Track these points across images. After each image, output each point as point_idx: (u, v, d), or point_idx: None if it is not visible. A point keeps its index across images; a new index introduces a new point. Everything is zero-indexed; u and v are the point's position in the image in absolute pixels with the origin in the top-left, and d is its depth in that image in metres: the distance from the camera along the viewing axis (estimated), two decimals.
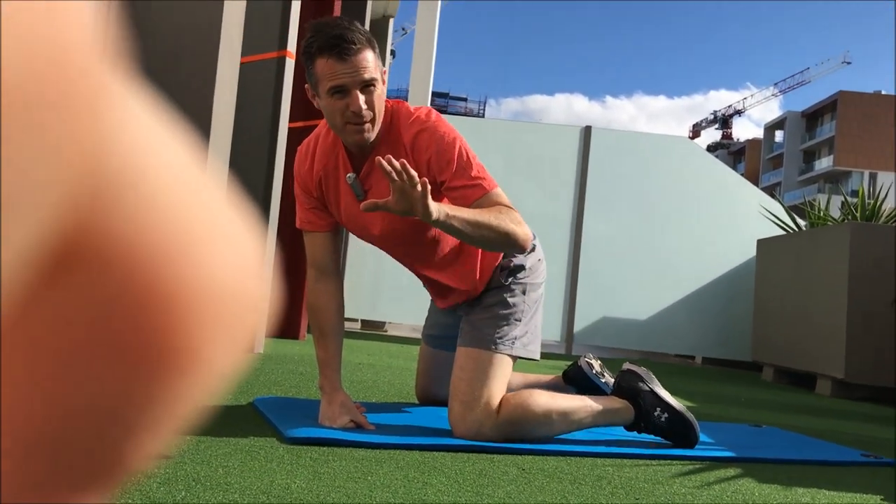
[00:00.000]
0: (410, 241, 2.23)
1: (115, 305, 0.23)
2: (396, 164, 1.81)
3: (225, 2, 2.56)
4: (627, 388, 2.29)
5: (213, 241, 0.26)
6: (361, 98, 1.97)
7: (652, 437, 2.37)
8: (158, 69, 2.55)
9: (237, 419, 2.09)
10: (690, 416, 2.29)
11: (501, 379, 2.17)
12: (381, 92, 2.02)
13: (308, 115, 4.38)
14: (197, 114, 2.62)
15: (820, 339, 4.75)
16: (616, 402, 2.27)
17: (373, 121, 2.02)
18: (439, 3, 8.31)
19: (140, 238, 0.23)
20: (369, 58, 1.98)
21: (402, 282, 5.96)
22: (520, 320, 2.25)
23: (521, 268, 2.30)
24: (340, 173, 2.16)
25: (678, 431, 2.28)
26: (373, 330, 6.11)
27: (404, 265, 2.38)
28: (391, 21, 8.59)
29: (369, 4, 6.01)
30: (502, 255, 2.28)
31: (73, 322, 0.23)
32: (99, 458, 0.25)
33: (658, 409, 2.29)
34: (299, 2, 3.80)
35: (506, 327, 2.22)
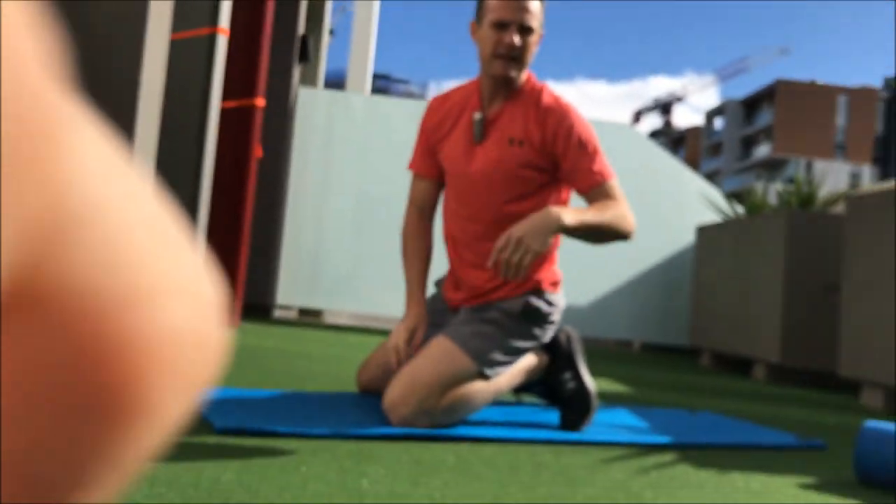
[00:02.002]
0: (498, 202, 2.24)
1: (65, 352, 0.22)
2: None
3: None
4: (553, 340, 2.35)
5: (170, 286, 0.25)
6: (517, 37, 2.15)
7: (540, 398, 2.41)
8: (82, 45, 2.43)
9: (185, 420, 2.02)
10: (595, 401, 2.29)
11: (457, 381, 2.12)
12: (535, 41, 2.21)
13: (242, 93, 4.27)
14: (124, 93, 2.52)
15: (756, 324, 4.84)
16: (536, 359, 2.32)
17: (519, 61, 2.18)
18: None
19: (95, 281, 0.22)
20: (536, 7, 2.18)
21: (340, 270, 5.89)
22: (506, 354, 2.21)
23: (538, 313, 2.25)
24: (468, 112, 2.30)
25: (574, 407, 2.27)
26: (310, 318, 6.04)
27: (459, 239, 2.35)
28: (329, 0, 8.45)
29: None
30: (536, 281, 2.26)
31: (19, 368, 0.22)
32: None
33: (569, 373, 2.31)
34: None
35: (492, 347, 2.18)
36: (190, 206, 3.51)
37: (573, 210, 2.04)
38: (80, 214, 0.22)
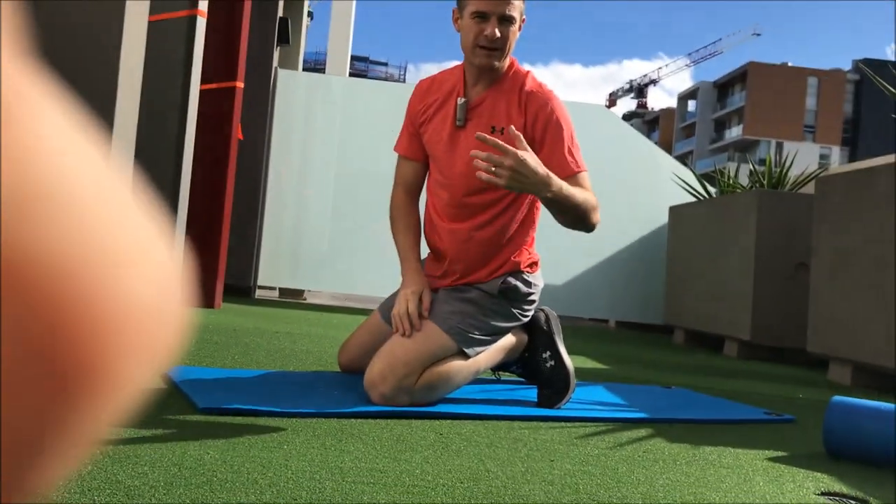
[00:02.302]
0: (478, 185, 2.21)
1: (24, 321, 0.22)
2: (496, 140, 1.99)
3: None
4: (532, 319, 2.38)
5: (129, 258, 0.25)
6: (497, 28, 2.18)
7: (518, 376, 2.45)
8: (59, 27, 2.42)
9: (147, 389, 2.03)
10: (573, 380, 2.34)
11: (436, 360, 2.14)
12: (515, 31, 2.24)
13: (222, 76, 4.25)
14: (103, 75, 2.50)
15: (728, 302, 4.93)
16: (515, 338, 2.36)
17: (501, 51, 2.21)
18: None
19: (54, 251, 0.22)
20: None
21: (321, 249, 5.90)
22: (486, 333, 2.24)
23: (517, 292, 2.29)
24: (453, 96, 2.32)
25: (554, 384, 2.32)
26: (291, 298, 6.04)
27: (441, 217, 2.37)
28: None
29: None
30: (512, 262, 2.29)
31: None
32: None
33: (548, 352, 2.35)
34: None
35: (471, 326, 2.21)
36: (171, 189, 3.50)
37: (561, 182, 2.09)
38: (40, 186, 0.22)
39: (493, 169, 1.97)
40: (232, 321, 3.85)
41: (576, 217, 2.18)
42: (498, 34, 2.19)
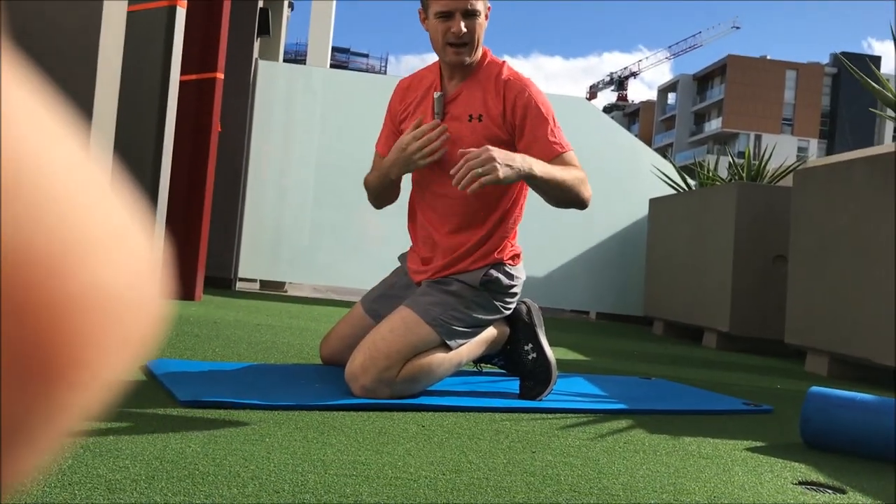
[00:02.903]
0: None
1: None
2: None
3: None
4: (514, 311, 2.39)
5: (103, 245, 0.24)
6: (462, 24, 2.20)
7: (500, 368, 2.46)
8: (36, 16, 2.39)
9: (127, 382, 2.02)
10: (555, 372, 2.35)
11: (418, 351, 2.14)
12: (481, 22, 2.26)
13: (202, 67, 4.22)
14: (81, 66, 2.47)
15: (707, 293, 4.96)
16: (497, 330, 2.36)
17: (470, 46, 2.24)
18: None
19: (28, 238, 0.22)
20: None
21: (302, 242, 5.88)
22: (468, 325, 2.24)
23: (498, 284, 2.29)
24: (431, 92, 2.35)
25: (536, 376, 2.33)
26: (272, 290, 6.02)
27: (427, 216, 2.38)
28: None
29: None
30: (494, 256, 2.30)
31: None
32: None
33: (530, 345, 2.36)
34: None
35: (452, 318, 2.21)
36: (151, 181, 3.48)
37: (542, 163, 2.13)
38: (10, 172, 0.21)
39: (480, 170, 1.99)
40: (212, 313, 3.83)
41: (566, 195, 2.21)
42: (465, 29, 2.21)
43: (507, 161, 2.04)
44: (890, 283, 3.33)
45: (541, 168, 2.11)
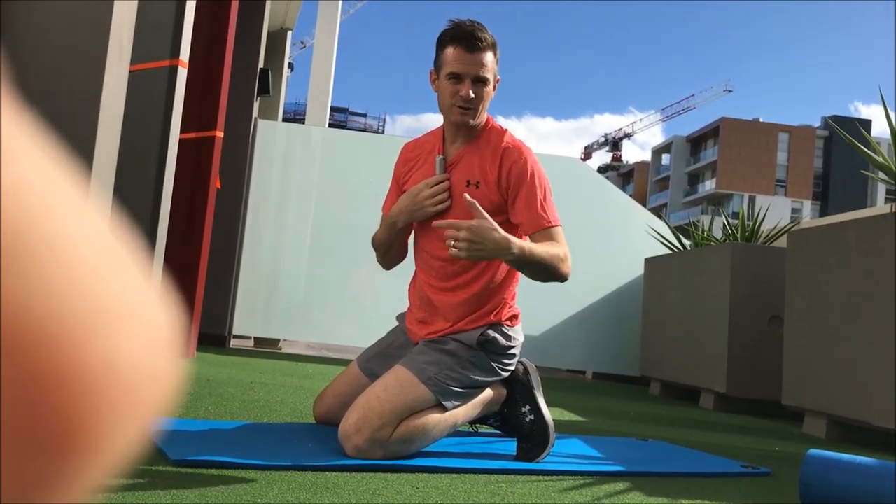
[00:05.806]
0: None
1: (14, 383, 0.21)
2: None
3: (115, 1, 2.47)
4: (511, 373, 2.38)
5: (122, 316, 0.24)
6: (471, 89, 2.29)
7: (497, 430, 2.43)
8: (39, 75, 2.43)
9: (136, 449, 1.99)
10: (552, 434, 2.33)
11: (412, 411, 2.12)
12: (489, 90, 2.35)
13: (202, 125, 4.27)
14: (82, 124, 2.50)
15: (703, 354, 4.95)
16: (494, 391, 2.35)
17: (474, 109, 2.32)
18: (338, 17, 8.28)
19: (47, 310, 0.21)
20: (489, 59, 2.32)
21: (296, 299, 5.87)
22: (465, 386, 2.23)
23: (495, 344, 2.29)
24: (432, 155, 2.43)
25: (533, 438, 2.30)
26: (266, 347, 5.98)
27: (425, 276, 2.43)
28: (289, 34, 8.49)
29: (266, 15, 5.93)
30: (492, 317, 2.33)
31: None
32: None
33: (528, 406, 2.34)
34: (193, 10, 3.71)
35: (448, 377, 2.20)
36: (148, 237, 3.49)
37: (522, 243, 2.16)
38: (31, 242, 0.21)
39: (454, 243, 2.06)
40: (206, 371, 3.80)
41: (544, 272, 2.23)
42: (472, 94, 2.29)
43: (481, 244, 2.07)
44: (889, 345, 3.32)
45: (519, 249, 2.12)
